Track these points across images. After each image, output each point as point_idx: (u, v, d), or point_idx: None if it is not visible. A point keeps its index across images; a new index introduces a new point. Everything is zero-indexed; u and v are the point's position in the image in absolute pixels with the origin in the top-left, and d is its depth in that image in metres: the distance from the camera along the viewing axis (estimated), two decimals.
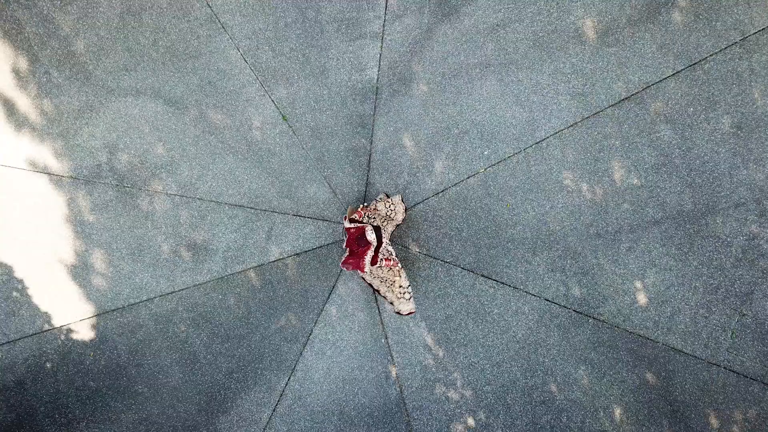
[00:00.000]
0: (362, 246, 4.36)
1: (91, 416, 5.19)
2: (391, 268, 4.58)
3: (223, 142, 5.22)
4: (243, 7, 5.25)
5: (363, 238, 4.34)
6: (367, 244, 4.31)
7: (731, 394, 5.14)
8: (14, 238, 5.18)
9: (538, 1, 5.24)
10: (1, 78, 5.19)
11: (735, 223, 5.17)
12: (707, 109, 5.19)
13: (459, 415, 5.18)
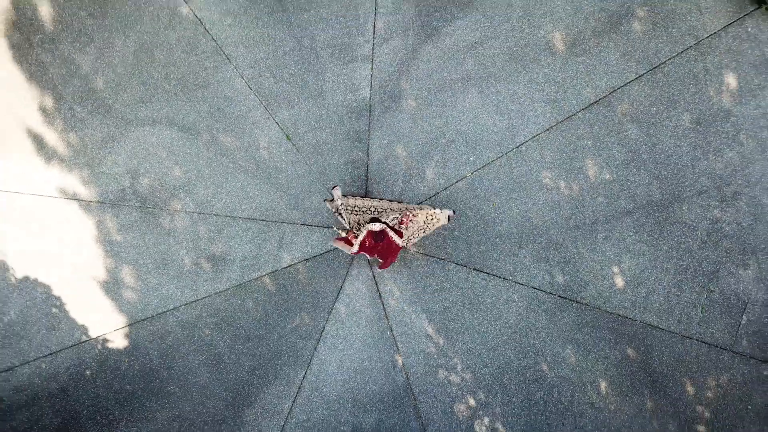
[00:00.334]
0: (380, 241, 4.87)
1: (129, 416, 5.75)
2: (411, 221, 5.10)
3: (234, 162, 5.77)
4: (244, 38, 5.81)
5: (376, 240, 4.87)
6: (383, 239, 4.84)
7: (704, 363, 5.71)
8: (51, 260, 5.74)
9: (511, 19, 5.80)
10: (29, 115, 5.74)
11: (699, 209, 5.74)
12: (668, 107, 5.76)
13: (461, 396, 5.74)
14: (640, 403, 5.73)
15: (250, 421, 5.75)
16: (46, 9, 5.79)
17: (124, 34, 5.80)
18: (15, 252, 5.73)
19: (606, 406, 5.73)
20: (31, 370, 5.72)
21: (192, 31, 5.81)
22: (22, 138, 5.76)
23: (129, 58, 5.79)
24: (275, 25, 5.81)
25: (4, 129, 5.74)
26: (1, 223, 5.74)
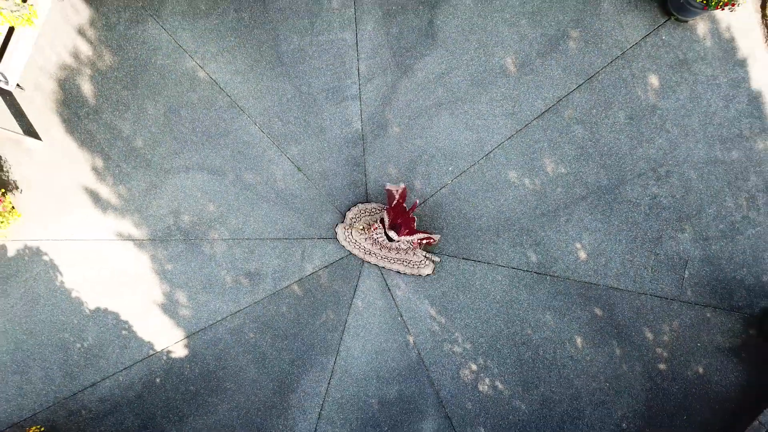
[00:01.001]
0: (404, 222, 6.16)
1: (196, 411, 6.99)
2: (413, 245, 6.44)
3: (257, 194, 7.02)
4: (253, 92, 7.05)
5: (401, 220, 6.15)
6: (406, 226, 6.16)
7: (658, 313, 6.98)
8: (116, 292, 6.98)
9: (469, 51, 7.06)
10: (84, 176, 6.98)
11: (640, 188, 7.01)
12: (606, 108, 7.03)
13: (464, 363, 7.00)
14: (610, 351, 7.00)
15: (294, 404, 6.99)
16: (88, 86, 7.03)
17: (154, 99, 7.05)
18: (86, 289, 6.97)
19: (583, 357, 7.00)
20: (111, 383, 6.97)
21: (209, 91, 7.06)
22: (81, 195, 7.00)
23: (160, 119, 7.04)
24: (277, 78, 7.06)
25: (65, 189, 6.98)
26: (72, 266, 6.98)
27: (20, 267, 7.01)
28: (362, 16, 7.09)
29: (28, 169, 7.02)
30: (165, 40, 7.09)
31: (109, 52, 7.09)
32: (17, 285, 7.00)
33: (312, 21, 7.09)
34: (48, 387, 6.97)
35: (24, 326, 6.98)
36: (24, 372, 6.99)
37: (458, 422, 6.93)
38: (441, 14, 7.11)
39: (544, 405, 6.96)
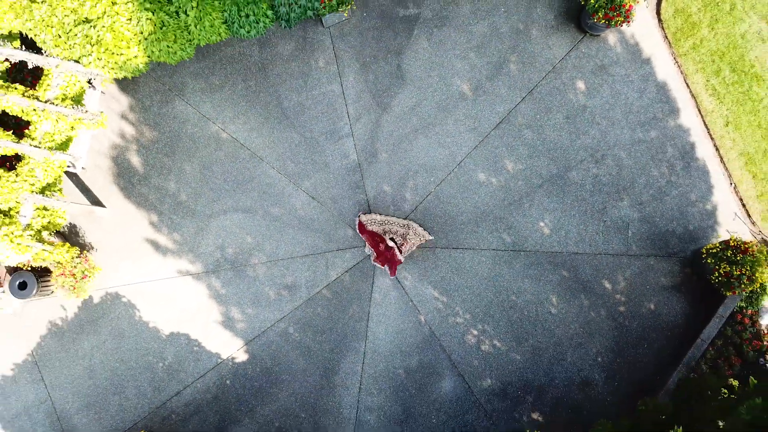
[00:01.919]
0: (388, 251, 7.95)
1: (261, 402, 8.78)
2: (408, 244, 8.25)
3: (283, 223, 8.81)
4: (268, 143, 8.84)
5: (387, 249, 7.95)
6: (388, 250, 7.93)
7: (612, 267, 8.80)
8: (184, 317, 8.75)
9: (432, 84, 8.87)
10: (144, 230, 8.76)
11: (583, 171, 8.83)
12: (546, 113, 8.85)
13: (466, 330, 8.81)
14: (580, 303, 8.82)
15: (338, 383, 8.79)
16: (135, 158, 8.81)
17: (190, 161, 8.83)
18: (160, 319, 8.75)
19: (559, 311, 8.81)
20: (192, 390, 8.75)
21: (233, 147, 8.85)
22: (144, 245, 8.78)
23: (197, 175, 8.83)
24: (284, 129, 8.86)
25: (131, 243, 8.76)
26: (146, 303, 8.76)
27: (105, 310, 8.79)
28: (344, 70, 8.90)
29: (99, 232, 8.79)
30: (191, 112, 8.88)
31: (148, 128, 8.87)
32: (105, 324, 8.78)
33: (305, 80, 8.89)
34: (142, 401, 8.76)
35: (115, 356, 8.76)
36: (121, 392, 8.76)
37: (469, 378, 8.74)
38: (406, 59, 8.92)
39: (534, 353, 8.78)
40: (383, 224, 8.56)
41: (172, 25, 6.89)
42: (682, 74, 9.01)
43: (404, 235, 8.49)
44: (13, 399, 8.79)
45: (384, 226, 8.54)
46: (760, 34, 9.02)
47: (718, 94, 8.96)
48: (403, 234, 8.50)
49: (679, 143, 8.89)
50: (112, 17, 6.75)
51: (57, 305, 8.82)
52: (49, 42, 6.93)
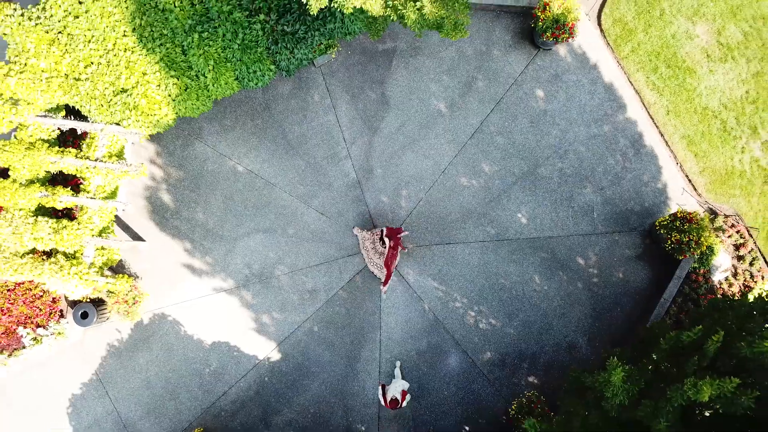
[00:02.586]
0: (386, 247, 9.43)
1: (297, 393, 10.22)
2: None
3: (299, 238, 10.26)
4: (278, 171, 10.29)
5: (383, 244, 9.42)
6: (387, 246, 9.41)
7: (583, 245, 10.27)
8: (222, 327, 10.19)
9: (413, 106, 10.33)
10: (180, 256, 10.20)
11: (550, 166, 10.31)
12: (513, 120, 10.33)
13: (465, 313, 10.27)
14: (559, 279, 10.29)
15: (361, 370, 10.24)
16: (166, 196, 10.26)
17: (213, 193, 10.28)
18: (202, 331, 10.20)
19: (542, 288, 10.28)
20: (236, 389, 10.20)
21: (249, 178, 10.30)
22: (182, 270, 10.22)
23: (221, 205, 10.28)
24: (291, 157, 10.31)
25: (170, 269, 10.20)
26: (189, 318, 10.20)
27: (154, 329, 10.23)
28: (336, 102, 10.36)
29: (142, 262, 10.24)
30: (209, 152, 10.33)
31: (174, 169, 10.32)
32: (155, 341, 10.22)
33: (304, 113, 10.35)
34: (194, 403, 10.20)
35: (167, 367, 10.20)
36: (175, 398, 10.20)
37: (472, 352, 10.21)
38: (388, 87, 10.39)
39: (524, 326, 10.25)
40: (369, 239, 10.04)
41: (194, 86, 8.34)
42: (626, 74, 10.50)
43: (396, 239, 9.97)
44: (84, 413, 10.22)
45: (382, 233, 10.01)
46: (687, 33, 10.52)
47: (658, 88, 10.46)
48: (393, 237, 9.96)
49: (629, 134, 10.38)
50: (144, 85, 8.20)
51: (113, 329, 10.26)
52: (94, 111, 8.38)
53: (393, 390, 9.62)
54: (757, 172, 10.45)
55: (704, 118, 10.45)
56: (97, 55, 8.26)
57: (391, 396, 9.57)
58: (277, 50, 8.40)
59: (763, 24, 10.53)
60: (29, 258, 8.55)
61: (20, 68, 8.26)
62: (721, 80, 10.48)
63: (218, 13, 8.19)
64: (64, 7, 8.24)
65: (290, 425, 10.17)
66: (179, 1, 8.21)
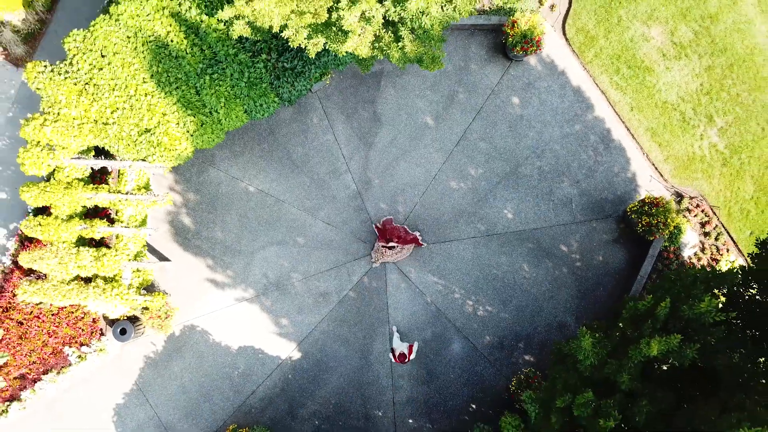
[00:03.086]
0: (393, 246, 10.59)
1: (318, 387, 11.34)
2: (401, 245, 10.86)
3: (309, 247, 11.39)
4: (286, 188, 11.41)
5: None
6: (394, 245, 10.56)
7: (565, 234, 11.42)
8: (247, 333, 11.31)
9: (403, 121, 11.47)
10: (204, 272, 11.33)
11: (530, 165, 11.46)
12: (493, 127, 11.47)
13: (464, 302, 11.40)
14: (546, 266, 11.43)
15: (374, 361, 11.36)
16: (186, 219, 11.37)
17: (229, 213, 11.40)
18: (229, 337, 11.32)
19: (531, 275, 11.43)
20: (263, 388, 11.32)
21: (260, 197, 11.43)
22: (206, 284, 11.34)
23: (237, 223, 11.40)
24: (297, 175, 11.44)
25: (196, 284, 11.31)
26: (216, 327, 11.32)
27: (186, 339, 11.35)
28: (333, 123, 11.50)
29: (170, 280, 11.35)
30: (222, 176, 11.46)
31: (191, 194, 11.44)
32: (187, 350, 11.34)
33: (305, 135, 11.48)
34: (226, 403, 11.32)
35: (200, 372, 11.32)
36: (209, 399, 11.32)
37: (473, 338, 11.35)
38: (379, 105, 11.52)
39: (518, 311, 11.39)
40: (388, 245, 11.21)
41: (209, 121, 9.46)
42: (591, 77, 11.65)
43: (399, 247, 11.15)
44: (127, 420, 11.33)
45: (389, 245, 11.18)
46: (643, 36, 11.68)
47: (621, 87, 11.61)
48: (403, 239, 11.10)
49: (598, 130, 11.54)
50: (165, 125, 9.32)
51: (148, 342, 11.37)
52: (122, 150, 9.49)
53: (399, 347, 10.81)
54: (716, 156, 11.61)
55: (665, 111, 11.61)
56: (121, 101, 9.37)
57: (399, 352, 10.76)
58: (279, 84, 9.52)
59: (711, 22, 11.70)
60: (74, 284, 9.66)
61: (54, 118, 9.36)
62: (677, 76, 11.65)
63: (225, 56, 9.31)
64: (89, 60, 9.35)
65: (314, 416, 11.31)
66: (190, 48, 9.32)
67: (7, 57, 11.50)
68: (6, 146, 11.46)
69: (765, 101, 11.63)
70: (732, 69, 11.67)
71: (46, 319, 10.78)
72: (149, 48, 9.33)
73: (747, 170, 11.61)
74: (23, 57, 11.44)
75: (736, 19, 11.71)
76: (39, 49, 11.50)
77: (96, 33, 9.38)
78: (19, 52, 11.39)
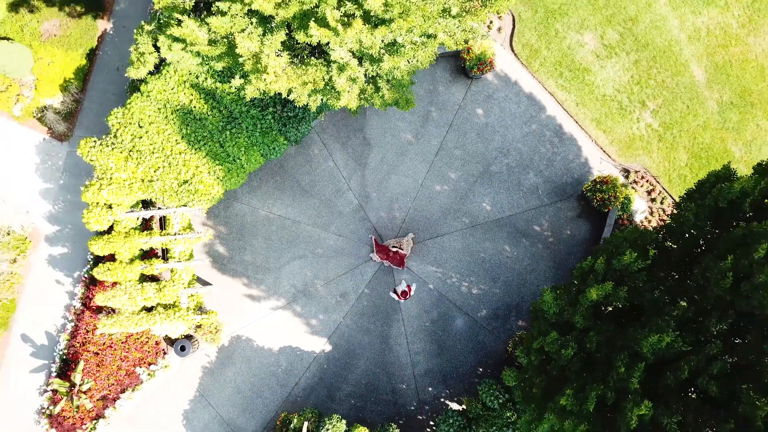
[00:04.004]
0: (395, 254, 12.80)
1: (350, 372, 13.55)
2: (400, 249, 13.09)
3: (326, 256, 13.62)
4: (300, 210, 13.63)
5: (391, 253, 12.79)
6: (395, 254, 12.77)
7: (536, 216, 13.68)
8: (284, 334, 13.52)
9: (389, 141, 13.71)
10: (242, 289, 13.54)
11: (499, 163, 13.72)
12: (464, 135, 13.74)
13: (460, 284, 13.64)
14: (524, 245, 13.69)
15: (393, 343, 13.58)
16: (220, 248, 13.58)
17: (255, 237, 13.61)
18: (270, 340, 13.53)
19: (512, 254, 13.68)
20: (304, 379, 13.53)
21: (280, 221, 13.65)
22: (245, 299, 13.55)
23: (263, 245, 13.61)
24: (307, 199, 13.66)
25: (236, 300, 13.53)
26: (258, 334, 13.53)
27: (234, 347, 13.55)
28: (331, 151, 13.72)
29: (213, 301, 13.55)
30: (246, 208, 13.67)
31: (222, 226, 13.64)
32: (237, 356, 13.54)
33: (310, 165, 13.70)
34: (275, 396, 13.52)
35: (249, 373, 13.52)
36: (260, 395, 13.52)
37: (472, 313, 13.59)
38: (367, 131, 13.76)
39: (506, 285, 13.65)
40: (390, 243, 13.40)
41: (233, 167, 11.67)
42: (540, 83, 13.92)
43: (399, 243, 13.32)
44: (195, 422, 13.53)
45: (390, 243, 13.37)
46: (578, 42, 13.96)
47: (566, 88, 13.89)
48: (398, 243, 13.33)
49: (552, 126, 13.81)
50: (198, 175, 11.52)
51: (203, 355, 13.57)
52: (166, 200, 11.69)
53: (400, 287, 13.19)
54: (652, 133, 13.90)
55: (605, 102, 13.89)
56: (160, 161, 11.56)
57: (401, 290, 13.07)
58: (286, 129, 11.74)
59: (633, 24, 13.98)
60: (143, 313, 11.85)
61: (108, 182, 11.55)
62: (611, 72, 13.93)
63: (239, 113, 11.52)
64: (130, 131, 11.54)
65: (350, 396, 13.54)
66: (210, 111, 11.53)
67: (51, 134, 13.67)
68: (62, 209, 13.64)
69: (685, 83, 13.94)
70: (655, 60, 13.96)
71: (117, 347, 12.95)
72: (177, 115, 11.53)
73: (679, 142, 13.90)
74: (65, 133, 13.61)
75: (652, 19, 14.01)
76: (77, 125, 13.67)
77: (132, 109, 11.57)
78: (61, 129, 13.55)
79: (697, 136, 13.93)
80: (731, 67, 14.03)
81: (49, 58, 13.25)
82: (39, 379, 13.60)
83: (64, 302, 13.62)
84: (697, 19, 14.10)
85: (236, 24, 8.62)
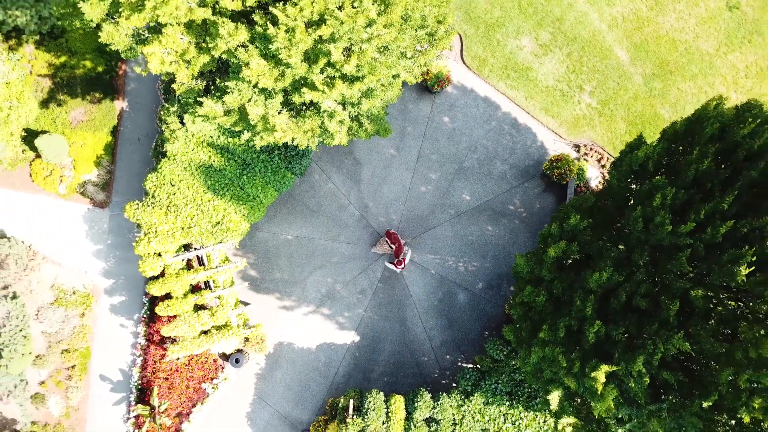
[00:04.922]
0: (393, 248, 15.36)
1: (378, 355, 16.07)
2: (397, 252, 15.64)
3: (341, 263, 16.14)
4: (312, 230, 16.15)
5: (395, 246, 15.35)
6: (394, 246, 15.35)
7: (509, 197, 16.25)
8: (319, 334, 16.04)
9: (375, 159, 16.25)
10: (276, 302, 16.06)
11: (470, 160, 16.29)
12: (437, 142, 16.30)
13: (457, 265, 16.19)
14: (504, 223, 16.25)
15: (410, 324, 16.11)
16: (252, 271, 16.09)
17: (279, 257, 16.13)
18: (307, 341, 16.05)
19: (495, 232, 16.24)
20: (342, 367, 16.05)
21: (297, 240, 16.16)
22: (280, 311, 16.06)
23: (287, 262, 16.13)
24: (317, 217, 16.19)
25: (272, 312, 16.03)
26: (296, 337, 16.04)
27: (278, 353, 16.05)
28: (329, 174, 16.24)
29: (254, 317, 16.04)
30: (267, 235, 16.17)
31: (250, 254, 16.14)
32: (282, 360, 16.05)
33: (313, 189, 16.22)
34: (320, 386, 16.04)
35: (295, 372, 16.04)
36: (307, 389, 16.04)
37: (470, 287, 16.15)
38: (356, 153, 16.29)
39: (494, 259, 16.22)
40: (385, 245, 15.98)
41: (255, 205, 14.18)
42: (492, 86, 16.49)
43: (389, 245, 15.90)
44: (258, 420, 16.03)
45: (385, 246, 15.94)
46: (518, 47, 16.54)
47: (514, 86, 16.47)
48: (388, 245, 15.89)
49: (509, 120, 16.39)
50: (227, 216, 14.03)
51: (254, 364, 16.07)
52: (204, 240, 14.19)
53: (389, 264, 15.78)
54: (593, 111, 16.50)
55: (549, 93, 16.48)
56: (194, 210, 14.05)
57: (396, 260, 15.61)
58: (292, 166, 14.27)
59: (560, 23, 16.58)
60: (202, 336, 14.35)
61: (154, 235, 14.02)
62: (549, 66, 16.52)
63: (252, 159, 14.03)
64: (165, 191, 14.01)
65: (382, 375, 16.08)
66: (227, 162, 14.03)
67: (93, 203, 16.12)
68: (114, 264, 16.10)
69: (613, 64, 16.55)
70: (584, 50, 16.56)
71: (182, 370, 15.43)
72: (200, 170, 14.02)
73: (617, 114, 16.51)
74: (104, 200, 16.07)
75: (576, 15, 16.62)
76: (113, 192, 16.14)
77: (164, 171, 14.05)
78: (101, 198, 16.01)
79: (630, 107, 16.54)
80: (648, 44, 16.65)
81: (80, 141, 15.70)
82: (120, 410, 16.05)
83: (129, 341, 16.08)
84: (612, 9, 16.71)
85: (243, 96, 11.13)
